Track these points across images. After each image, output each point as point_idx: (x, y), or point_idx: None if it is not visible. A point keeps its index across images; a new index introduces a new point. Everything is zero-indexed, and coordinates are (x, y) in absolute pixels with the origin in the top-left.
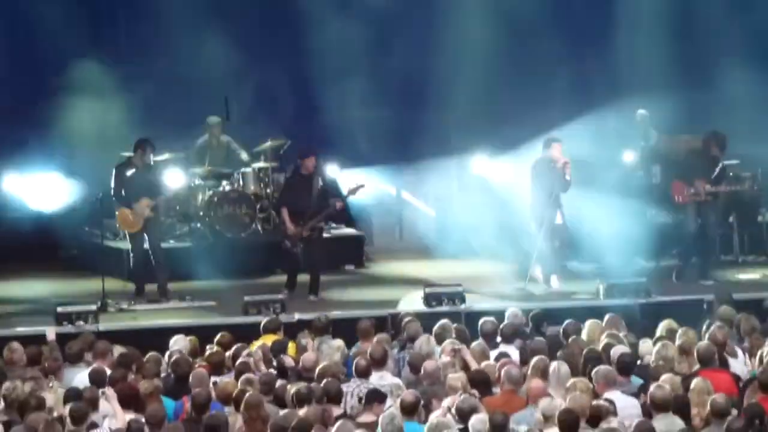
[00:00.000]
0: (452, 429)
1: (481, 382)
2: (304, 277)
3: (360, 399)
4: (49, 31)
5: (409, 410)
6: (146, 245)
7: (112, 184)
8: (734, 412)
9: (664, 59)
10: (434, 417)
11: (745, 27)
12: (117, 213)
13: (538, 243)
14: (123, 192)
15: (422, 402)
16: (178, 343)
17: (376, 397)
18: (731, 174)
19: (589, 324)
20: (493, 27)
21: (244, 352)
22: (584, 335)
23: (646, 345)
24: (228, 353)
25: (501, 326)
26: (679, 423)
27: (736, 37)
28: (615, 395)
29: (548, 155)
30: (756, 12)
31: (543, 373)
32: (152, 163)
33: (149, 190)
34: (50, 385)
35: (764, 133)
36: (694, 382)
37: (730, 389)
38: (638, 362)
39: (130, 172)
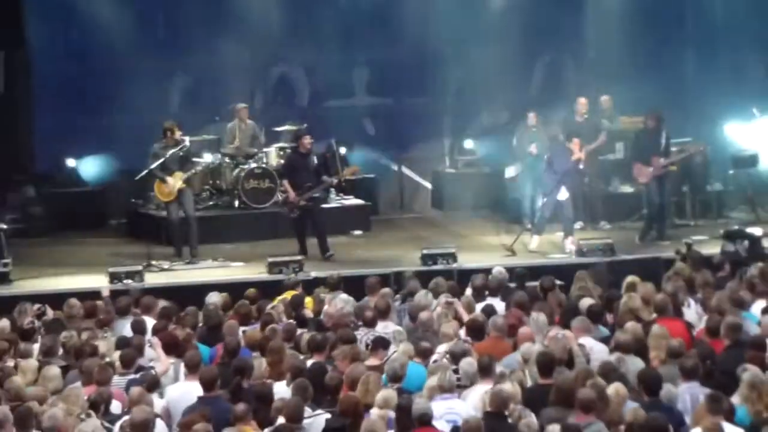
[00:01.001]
0: (440, 372)
1: (475, 330)
2: (314, 241)
3: (367, 345)
4: (102, 26)
5: (422, 354)
6: (181, 213)
7: (150, 161)
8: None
9: (625, 49)
10: (431, 360)
11: (697, 17)
12: (154, 185)
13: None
14: (159, 167)
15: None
16: (213, 298)
17: (380, 344)
18: (679, 147)
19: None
20: (480, 22)
21: (269, 306)
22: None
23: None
24: (254, 306)
25: (486, 281)
26: (640, 363)
27: (688, 27)
28: (587, 341)
29: (569, 146)
30: (706, 6)
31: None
32: (184, 141)
33: (181, 165)
34: (105, 335)
35: (712, 113)
36: (652, 329)
37: (683, 335)
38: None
39: (164, 150)
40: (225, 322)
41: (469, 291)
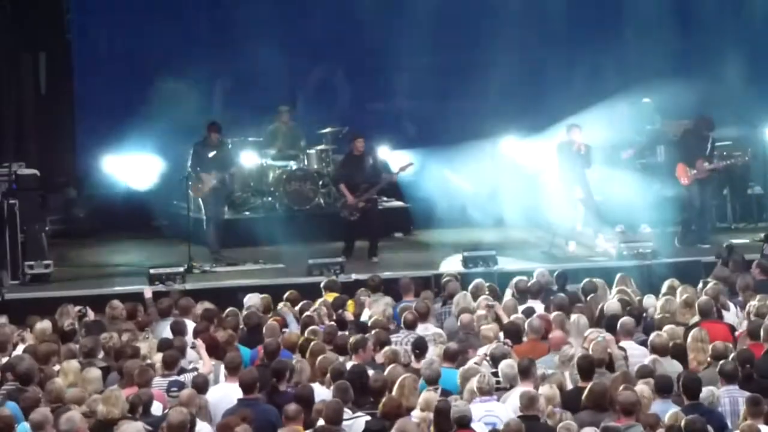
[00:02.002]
0: (480, 374)
1: (513, 333)
2: (359, 243)
3: (415, 351)
4: (146, 28)
5: (451, 357)
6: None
7: (191, 161)
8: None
9: (668, 52)
10: (470, 363)
11: (739, 21)
12: (190, 185)
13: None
14: (197, 166)
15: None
16: (252, 300)
17: (419, 346)
18: (724, 153)
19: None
20: (519, 25)
21: (311, 309)
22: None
23: (649, 300)
24: (296, 308)
25: (529, 284)
26: (678, 366)
27: (729, 29)
28: (628, 344)
29: (569, 139)
30: (749, 7)
31: (561, 325)
32: (224, 142)
33: (218, 165)
34: (146, 336)
35: (753, 116)
36: (692, 332)
37: (726, 337)
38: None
39: (205, 150)
40: (266, 324)
41: (509, 293)
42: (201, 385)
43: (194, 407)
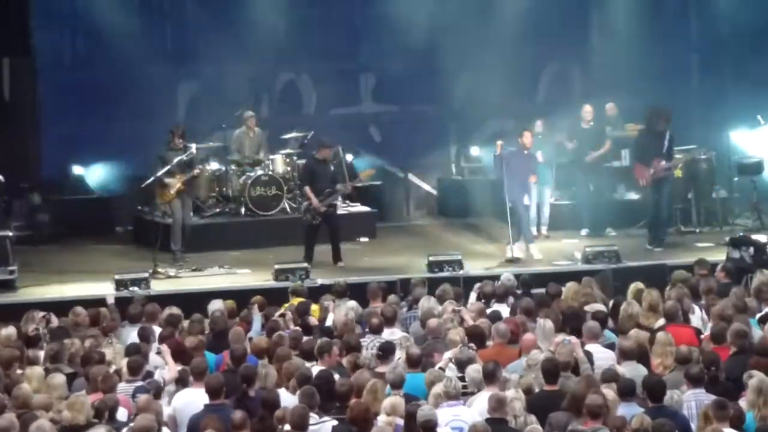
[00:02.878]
0: (446, 379)
1: (477, 337)
2: (322, 248)
3: (379, 354)
4: (110, 33)
5: (414, 363)
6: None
7: (156, 166)
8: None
9: (632, 55)
10: (436, 368)
11: (702, 24)
12: (156, 190)
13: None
14: (165, 173)
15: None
16: (216, 305)
17: (388, 350)
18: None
19: (567, 286)
20: (485, 30)
21: (276, 314)
22: (564, 296)
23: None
24: (261, 313)
25: (494, 288)
26: (643, 369)
27: (694, 34)
28: (594, 347)
29: (520, 143)
30: (713, 11)
31: (526, 328)
32: (188, 146)
33: (183, 169)
34: (110, 342)
35: (717, 120)
36: (658, 336)
37: (691, 341)
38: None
39: (170, 154)
40: (231, 329)
41: (473, 297)
42: (158, 391)
43: (152, 413)
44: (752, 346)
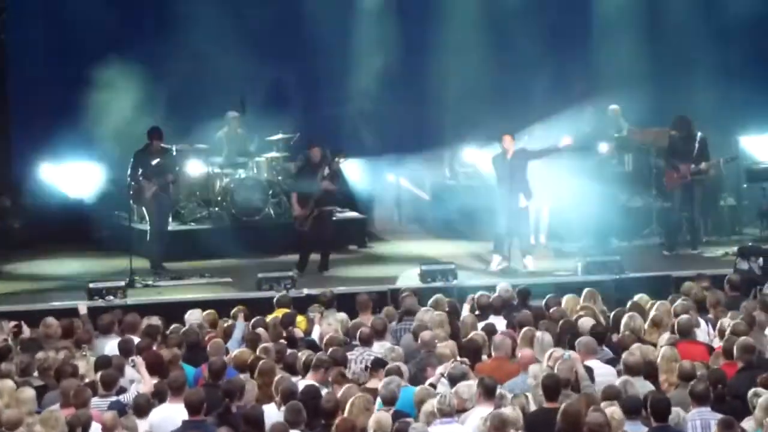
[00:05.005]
0: (441, 394)
1: (471, 351)
2: (313, 256)
3: (366, 367)
4: (85, 30)
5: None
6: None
7: (133, 169)
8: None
9: (636, 57)
10: (427, 383)
11: (710, 26)
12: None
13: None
14: (138, 174)
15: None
16: (194, 316)
17: (380, 365)
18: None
19: (566, 298)
20: (482, 29)
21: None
22: (563, 308)
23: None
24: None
25: (491, 299)
26: (649, 386)
27: (701, 36)
28: (594, 363)
29: (502, 147)
30: (718, 13)
31: (530, 342)
32: (168, 149)
33: (159, 172)
34: (83, 354)
35: (725, 125)
36: (663, 351)
37: (704, 358)
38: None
39: (145, 157)
40: (211, 341)
41: (466, 309)
42: (143, 406)
43: (119, 429)
44: (762, 362)
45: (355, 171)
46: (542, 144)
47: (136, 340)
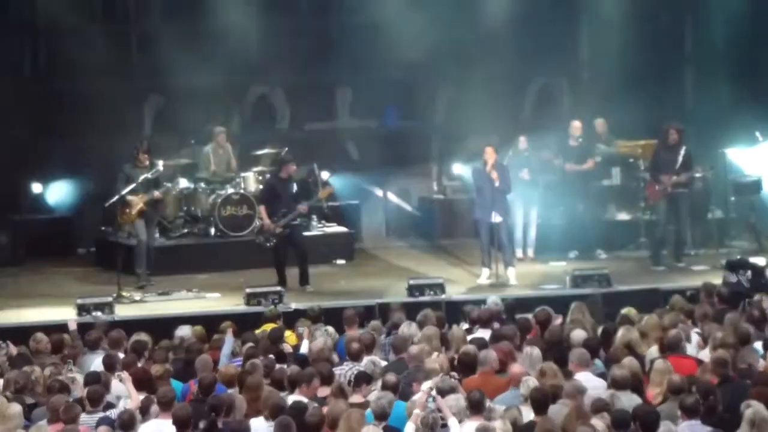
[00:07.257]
0: (427, 409)
1: (466, 365)
2: (293, 271)
3: (350, 382)
4: (71, 47)
5: (391, 389)
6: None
7: (120, 184)
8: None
9: (622, 70)
10: (415, 398)
11: (697, 39)
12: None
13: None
14: (129, 192)
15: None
16: (183, 332)
17: (363, 380)
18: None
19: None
20: (469, 44)
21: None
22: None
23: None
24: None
25: (479, 312)
26: (637, 399)
27: (688, 49)
28: (585, 376)
29: (482, 158)
30: (705, 25)
31: (512, 356)
32: (155, 163)
33: (148, 188)
34: (70, 368)
35: (712, 137)
36: (656, 364)
37: (692, 372)
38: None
39: (132, 172)
40: (199, 357)
41: (464, 325)
42: (128, 423)
43: None
44: (754, 375)
45: (342, 185)
46: (536, 159)
47: (122, 355)
